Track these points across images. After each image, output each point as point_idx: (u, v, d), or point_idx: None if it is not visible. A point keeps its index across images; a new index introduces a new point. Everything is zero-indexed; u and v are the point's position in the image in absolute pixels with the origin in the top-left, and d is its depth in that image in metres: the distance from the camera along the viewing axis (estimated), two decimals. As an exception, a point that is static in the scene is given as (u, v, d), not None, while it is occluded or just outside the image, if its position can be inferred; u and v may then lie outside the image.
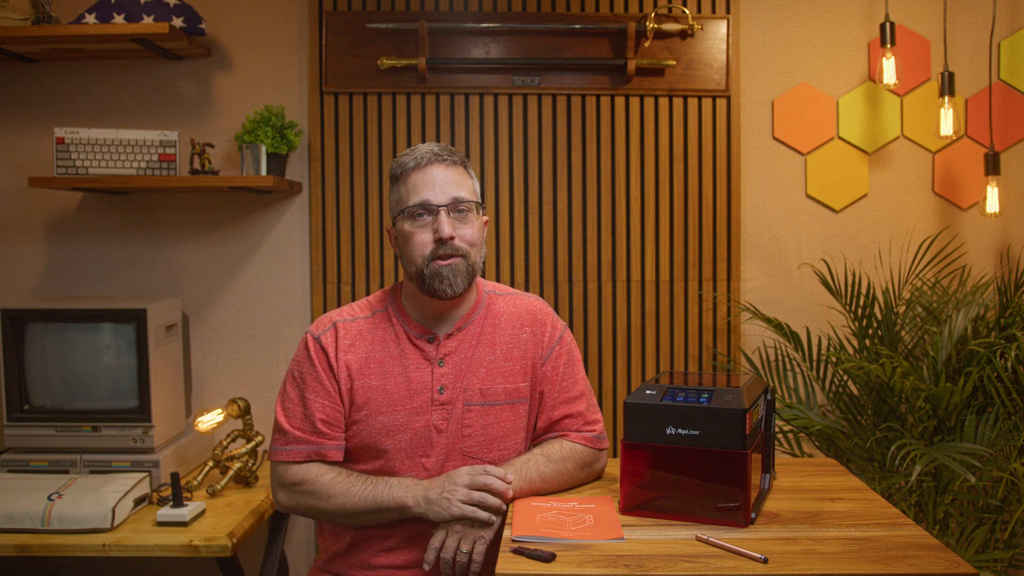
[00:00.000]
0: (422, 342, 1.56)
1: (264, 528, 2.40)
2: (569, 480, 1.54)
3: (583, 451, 1.57)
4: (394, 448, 1.52)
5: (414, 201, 1.50)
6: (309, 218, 2.50)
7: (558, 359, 1.60)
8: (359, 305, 1.63)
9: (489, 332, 1.58)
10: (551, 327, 1.62)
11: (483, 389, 1.54)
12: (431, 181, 1.50)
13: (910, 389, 2.07)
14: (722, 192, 2.51)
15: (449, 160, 1.53)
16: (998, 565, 2.09)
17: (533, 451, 1.55)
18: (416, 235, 1.50)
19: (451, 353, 1.55)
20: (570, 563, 1.17)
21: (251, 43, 2.48)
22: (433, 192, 1.50)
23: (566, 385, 1.60)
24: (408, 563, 1.53)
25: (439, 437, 1.53)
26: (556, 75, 2.47)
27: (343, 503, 1.48)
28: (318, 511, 1.52)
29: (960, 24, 2.51)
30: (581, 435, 1.58)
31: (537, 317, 1.62)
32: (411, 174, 1.52)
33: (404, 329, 1.57)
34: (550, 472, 1.51)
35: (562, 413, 1.59)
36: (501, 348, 1.58)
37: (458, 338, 1.56)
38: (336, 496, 1.49)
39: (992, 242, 2.56)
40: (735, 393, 1.34)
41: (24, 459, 2.08)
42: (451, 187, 1.51)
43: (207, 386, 2.52)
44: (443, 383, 1.54)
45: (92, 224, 2.51)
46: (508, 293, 1.66)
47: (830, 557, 1.17)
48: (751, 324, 2.52)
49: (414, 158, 1.52)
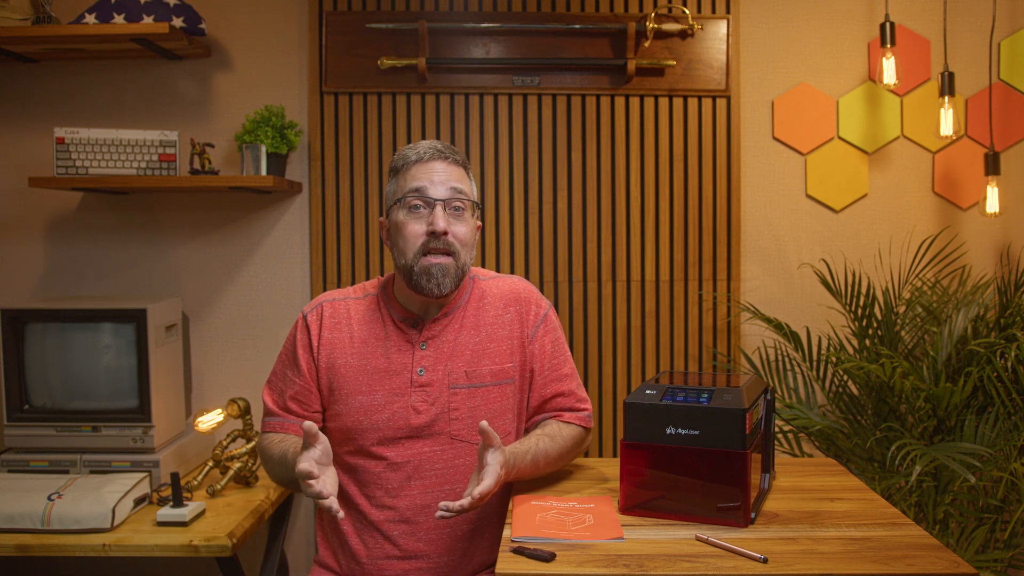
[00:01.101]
0: (406, 325, 1.58)
1: (264, 528, 2.40)
2: (566, 460, 1.59)
3: (579, 431, 1.61)
4: (372, 429, 1.54)
5: (413, 191, 1.51)
6: (309, 218, 2.50)
7: (545, 337, 1.62)
8: (355, 287, 1.67)
9: (473, 315, 1.60)
10: (536, 305, 1.64)
11: (468, 371, 1.56)
12: (431, 175, 1.52)
13: (910, 389, 2.07)
14: (722, 192, 2.51)
15: (451, 158, 1.55)
16: (998, 565, 2.09)
17: (537, 432, 1.57)
18: (409, 225, 1.51)
19: (434, 337, 1.57)
20: (570, 563, 1.17)
21: (251, 43, 2.48)
22: (432, 185, 1.51)
23: (556, 363, 1.63)
24: (407, 556, 1.54)
25: (419, 419, 1.53)
26: (556, 75, 2.47)
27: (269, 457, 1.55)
28: (267, 470, 1.59)
29: (960, 24, 2.51)
30: (575, 415, 1.62)
31: (521, 296, 1.64)
32: (412, 167, 1.53)
33: (390, 313, 1.59)
34: (555, 454, 1.54)
35: (554, 391, 1.62)
36: (486, 329, 1.59)
37: (443, 323, 1.58)
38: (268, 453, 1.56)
39: (992, 242, 2.56)
40: (735, 393, 1.34)
41: (24, 459, 2.08)
42: (450, 183, 1.52)
43: (207, 386, 2.52)
44: (423, 365, 1.55)
45: (92, 224, 2.51)
46: (492, 277, 1.68)
47: (830, 557, 1.17)
48: (751, 324, 2.52)
49: (416, 152, 1.54)
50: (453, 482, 1.55)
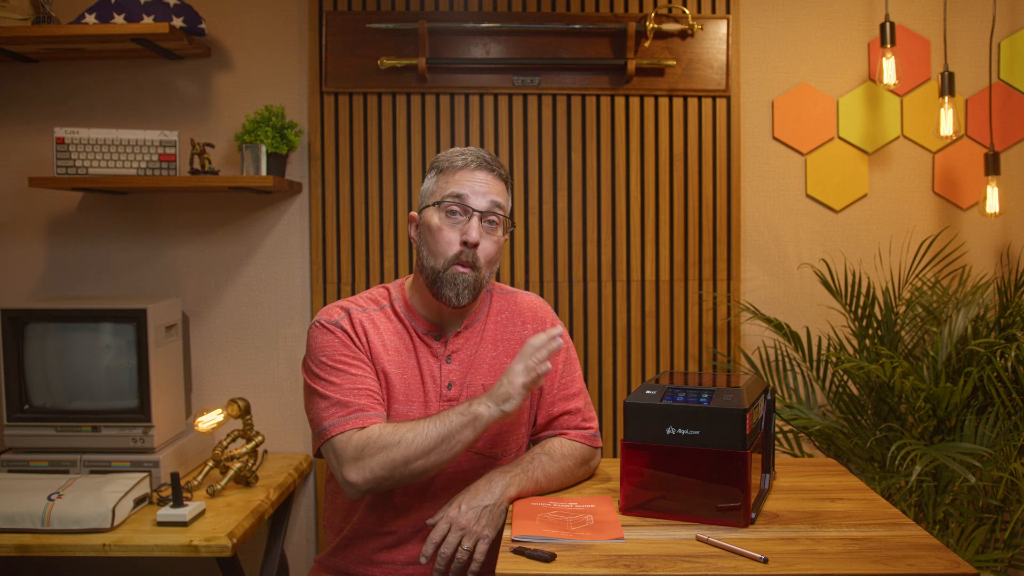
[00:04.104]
0: (430, 339, 1.57)
1: (264, 528, 2.40)
2: (570, 478, 1.56)
3: (581, 448, 1.59)
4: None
5: (452, 196, 1.50)
6: (309, 218, 2.50)
7: (557, 356, 1.61)
8: (362, 298, 1.61)
9: (492, 330, 1.61)
10: (551, 324, 1.65)
11: (486, 385, 1.56)
12: (473, 184, 1.51)
13: (910, 389, 2.07)
14: (722, 192, 2.51)
15: (497, 171, 1.55)
16: (998, 565, 2.09)
17: (535, 450, 1.56)
18: (444, 231, 1.50)
19: (458, 350, 1.57)
20: (570, 563, 1.17)
21: (251, 43, 2.48)
22: (474, 195, 1.51)
23: (565, 382, 1.63)
24: (409, 560, 1.54)
25: None
26: (556, 75, 2.47)
27: (415, 439, 1.40)
28: (393, 464, 1.40)
29: (960, 24, 2.51)
30: (579, 432, 1.61)
31: (538, 315, 1.65)
32: (457, 171, 1.52)
33: (412, 325, 1.58)
34: (554, 471, 1.52)
35: (561, 409, 1.62)
36: (504, 345, 1.60)
37: (464, 336, 1.59)
38: (406, 436, 1.40)
39: (992, 242, 2.56)
40: (735, 393, 1.34)
41: (24, 459, 2.08)
42: (491, 195, 1.52)
43: (207, 386, 2.52)
44: (451, 379, 1.56)
45: (92, 224, 2.51)
46: (509, 292, 1.68)
47: (830, 557, 1.17)
48: (751, 324, 2.52)
49: (464, 158, 1.53)
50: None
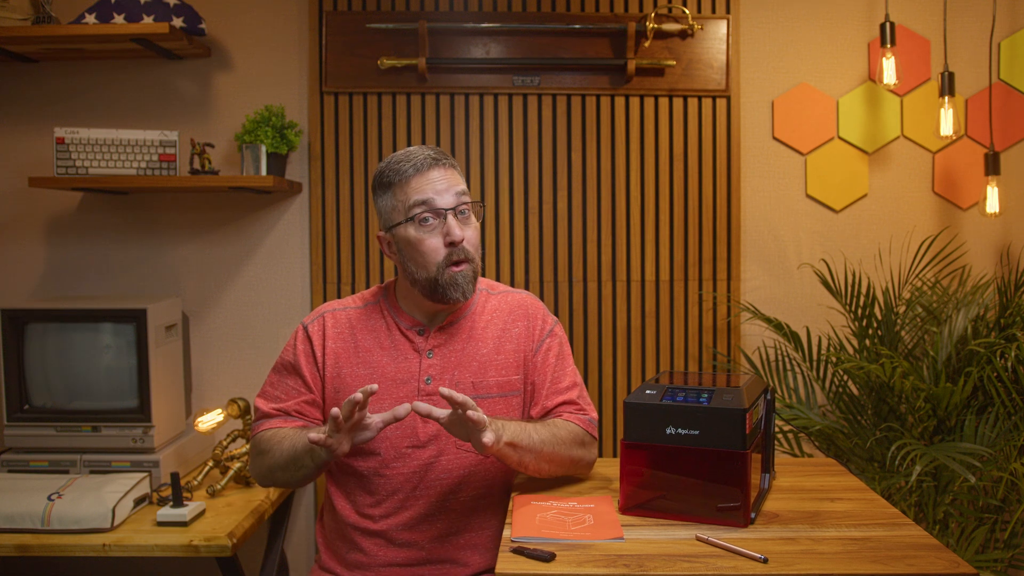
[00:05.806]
0: (412, 333, 1.57)
1: (264, 528, 2.40)
2: (563, 448, 1.51)
3: (577, 428, 1.56)
4: (380, 438, 1.51)
5: (419, 205, 1.49)
6: (309, 218, 2.50)
7: (549, 351, 1.61)
8: (353, 297, 1.66)
9: (481, 327, 1.60)
10: (542, 320, 1.64)
11: (475, 382, 1.56)
12: (433, 184, 1.50)
13: (910, 389, 2.07)
14: (722, 192, 2.51)
15: (447, 163, 1.54)
16: (998, 565, 2.09)
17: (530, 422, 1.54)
18: (426, 241, 1.50)
19: (440, 345, 1.57)
20: (570, 563, 1.17)
21: (251, 43, 2.48)
22: (439, 195, 1.50)
23: (558, 376, 1.61)
24: (409, 561, 1.54)
25: (426, 428, 1.53)
26: (556, 75, 2.47)
27: (274, 454, 1.50)
28: (266, 469, 1.52)
29: (960, 24, 2.51)
30: (577, 416, 1.58)
31: (529, 311, 1.64)
32: (411, 179, 1.50)
33: (395, 321, 1.59)
34: (547, 435, 1.48)
35: (556, 402, 1.60)
36: (493, 342, 1.59)
37: (449, 331, 1.58)
38: (272, 449, 1.50)
39: (992, 242, 2.56)
40: (735, 393, 1.34)
41: (24, 459, 2.08)
42: (453, 188, 1.52)
43: (207, 386, 2.52)
44: (430, 374, 1.55)
45: (92, 224, 2.51)
46: (501, 291, 1.68)
47: (830, 557, 1.17)
48: (751, 324, 2.52)
49: (412, 164, 1.50)
50: (458, 490, 1.54)
